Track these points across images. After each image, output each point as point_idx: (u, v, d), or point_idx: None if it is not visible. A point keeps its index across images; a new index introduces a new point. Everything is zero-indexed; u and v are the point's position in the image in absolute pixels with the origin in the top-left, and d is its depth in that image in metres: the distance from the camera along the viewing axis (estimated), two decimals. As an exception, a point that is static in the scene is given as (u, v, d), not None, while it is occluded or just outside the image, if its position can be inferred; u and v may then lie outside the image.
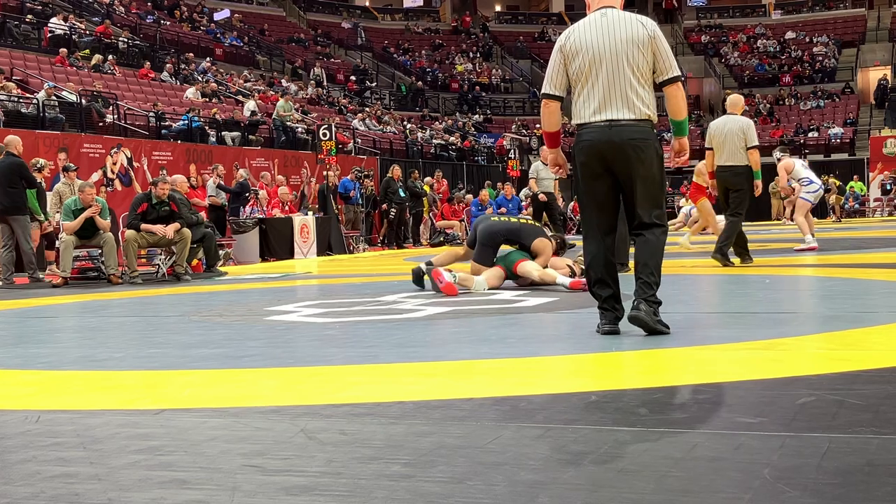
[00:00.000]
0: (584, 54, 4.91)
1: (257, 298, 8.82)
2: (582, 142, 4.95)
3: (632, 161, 4.87)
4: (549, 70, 5.04)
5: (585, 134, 4.94)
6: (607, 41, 4.90)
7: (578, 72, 4.93)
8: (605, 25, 4.94)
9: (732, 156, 9.83)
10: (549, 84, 5.03)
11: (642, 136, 4.90)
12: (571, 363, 4.24)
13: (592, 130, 4.90)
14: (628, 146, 4.86)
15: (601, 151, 4.89)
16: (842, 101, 42.78)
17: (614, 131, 4.86)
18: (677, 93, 5.04)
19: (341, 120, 29.81)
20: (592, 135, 4.90)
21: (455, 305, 6.99)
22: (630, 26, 4.93)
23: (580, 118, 4.96)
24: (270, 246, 17.13)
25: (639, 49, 4.89)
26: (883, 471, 2.28)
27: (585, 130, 4.94)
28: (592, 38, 4.92)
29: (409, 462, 2.52)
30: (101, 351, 5.34)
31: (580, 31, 4.98)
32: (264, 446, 2.77)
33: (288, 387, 3.88)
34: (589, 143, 4.91)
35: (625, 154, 4.86)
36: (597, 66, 4.89)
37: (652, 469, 2.37)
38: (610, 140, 4.86)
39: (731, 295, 7.50)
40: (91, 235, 11.80)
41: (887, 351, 4.16)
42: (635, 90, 4.90)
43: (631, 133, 4.87)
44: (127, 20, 31.91)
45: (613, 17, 4.97)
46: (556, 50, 5.01)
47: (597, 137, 4.88)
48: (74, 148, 16.77)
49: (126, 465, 2.60)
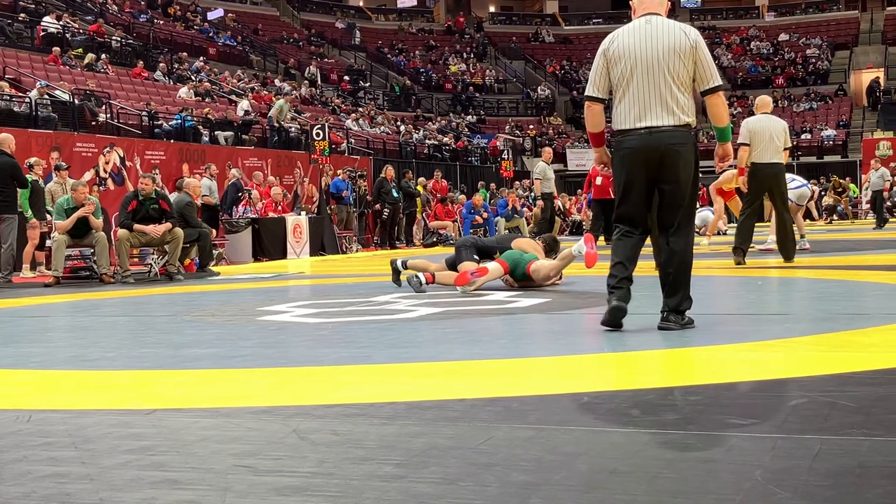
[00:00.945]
0: (627, 60, 5.02)
1: (250, 298, 8.81)
2: (624, 148, 5.08)
3: (672, 166, 5.01)
4: (593, 73, 5.16)
5: (627, 141, 5.07)
6: (650, 48, 5.00)
7: (620, 77, 5.06)
8: (648, 32, 5.04)
9: (775, 154, 9.99)
10: (592, 86, 5.16)
11: (682, 141, 5.03)
12: (564, 364, 4.24)
13: (633, 138, 5.03)
14: (669, 151, 4.99)
15: (642, 158, 5.02)
16: (835, 104, 42.88)
17: (654, 137, 4.99)
18: (718, 101, 5.16)
19: (335, 120, 29.79)
20: (633, 142, 5.04)
21: (448, 306, 6.99)
22: (673, 35, 5.02)
23: (622, 125, 5.10)
24: (263, 246, 17.11)
25: (680, 58, 4.99)
26: (874, 473, 2.28)
27: (627, 138, 5.06)
28: (635, 45, 5.02)
29: (400, 463, 2.52)
30: (93, 350, 5.33)
31: (624, 37, 5.08)
32: (256, 446, 2.76)
33: (280, 387, 3.88)
34: (631, 150, 5.05)
35: (665, 159, 5.00)
36: (638, 72, 5.00)
37: (644, 470, 2.37)
38: (650, 146, 4.99)
39: (723, 297, 7.50)
40: (83, 235, 11.77)
41: (879, 353, 4.17)
42: (675, 97, 5.01)
43: (671, 139, 4.99)
44: (120, 19, 31.84)
45: (657, 25, 5.05)
46: (600, 54, 5.13)
47: (637, 145, 5.02)
48: (67, 147, 16.73)
49: (117, 465, 2.60)
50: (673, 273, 5.07)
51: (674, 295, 5.07)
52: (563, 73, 47.26)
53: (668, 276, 5.07)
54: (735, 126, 8.90)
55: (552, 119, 44.17)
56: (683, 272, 5.10)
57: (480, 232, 21.70)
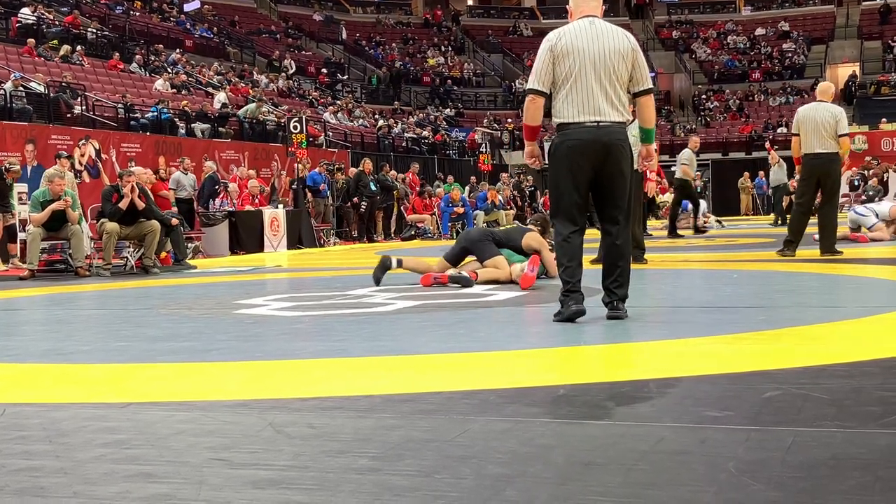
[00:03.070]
0: (575, 57, 5.19)
1: (226, 292, 8.79)
2: (569, 140, 5.22)
3: (617, 160, 5.23)
4: (538, 67, 5.27)
5: (573, 133, 5.21)
6: (596, 47, 5.20)
7: (568, 73, 5.20)
8: (594, 33, 5.24)
9: (823, 143, 9.89)
10: (538, 80, 5.26)
11: (624, 137, 5.31)
12: (540, 357, 4.25)
13: (581, 131, 5.19)
14: (615, 145, 5.21)
15: (589, 150, 5.19)
16: (811, 98, 42.98)
17: (602, 131, 5.18)
18: (650, 103, 5.44)
19: (312, 113, 29.71)
20: (581, 134, 5.18)
21: (424, 299, 6.99)
22: (616, 37, 5.26)
23: (567, 118, 5.22)
24: (240, 239, 17.06)
25: (623, 59, 5.23)
26: (847, 464, 2.30)
27: (573, 130, 5.21)
28: (582, 43, 5.20)
29: (376, 455, 2.52)
30: (68, 344, 5.30)
31: (571, 35, 5.24)
32: (232, 440, 2.76)
33: (256, 380, 3.87)
34: (578, 142, 5.19)
35: (611, 153, 5.20)
36: (586, 69, 5.17)
37: (618, 462, 2.38)
38: (598, 140, 5.18)
39: (699, 289, 7.54)
40: (59, 227, 11.70)
41: (853, 345, 4.21)
42: (618, 95, 5.24)
43: (617, 134, 5.23)
44: (96, 11, 31.62)
45: (601, 26, 5.28)
46: (546, 49, 5.25)
47: (585, 137, 5.18)
48: (42, 139, 16.61)
49: (92, 459, 2.58)
50: (622, 265, 5.29)
51: (624, 286, 5.29)
52: (541, 66, 47.24)
53: (618, 269, 5.28)
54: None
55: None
56: (629, 263, 5.38)
57: (459, 225, 21.72)
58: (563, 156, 5.25)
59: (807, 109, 10.13)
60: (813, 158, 9.94)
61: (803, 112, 10.11)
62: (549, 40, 5.27)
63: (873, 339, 4.45)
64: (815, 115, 9.95)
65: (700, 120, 42.14)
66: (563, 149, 5.24)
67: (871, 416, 2.79)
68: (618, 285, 5.26)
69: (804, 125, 9.98)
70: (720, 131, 40.69)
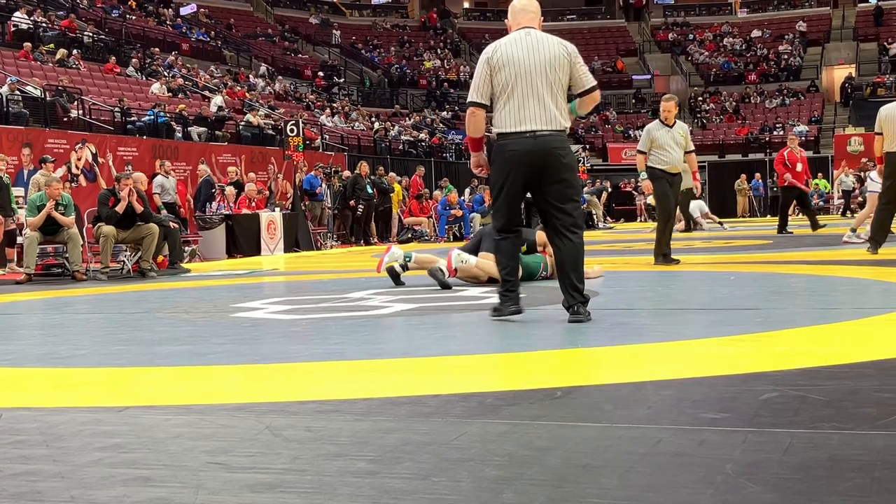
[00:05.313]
0: (511, 68, 5.32)
1: (223, 295, 8.78)
2: (508, 150, 5.36)
3: (557, 167, 5.34)
4: (477, 80, 5.42)
5: (511, 143, 5.35)
6: (531, 58, 5.33)
7: (504, 84, 5.33)
8: (529, 44, 5.38)
9: None
10: (477, 93, 5.41)
11: (562, 145, 5.42)
12: (537, 359, 4.25)
13: (518, 140, 5.32)
14: (552, 154, 5.33)
15: (526, 159, 5.32)
16: (807, 99, 43.14)
17: (539, 141, 5.30)
18: (594, 97, 5.56)
19: (309, 116, 29.71)
20: (519, 144, 5.32)
21: (422, 302, 6.99)
22: (552, 47, 5.39)
23: (505, 128, 5.36)
24: (237, 242, 17.04)
25: (559, 68, 5.36)
26: (844, 465, 2.30)
27: (511, 140, 5.34)
28: (518, 55, 5.34)
29: (374, 459, 2.52)
30: (65, 348, 5.30)
31: (507, 47, 5.38)
32: (229, 443, 2.76)
33: (253, 384, 3.87)
34: (515, 152, 5.33)
35: (549, 162, 5.32)
36: (522, 80, 5.30)
37: (615, 464, 2.39)
38: (535, 149, 5.30)
39: (695, 291, 7.54)
40: (55, 231, 11.69)
41: (849, 347, 4.21)
42: (556, 103, 5.36)
43: (553, 142, 5.34)
44: (92, 14, 31.61)
45: (536, 37, 5.41)
46: (483, 62, 5.41)
47: (522, 146, 5.31)
48: (38, 143, 16.59)
49: (89, 463, 2.58)
50: (579, 269, 5.39)
51: (581, 290, 5.35)
52: (537, 69, 47.27)
53: (575, 273, 5.34)
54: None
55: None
56: (583, 266, 5.46)
57: (456, 228, 21.73)
58: (502, 164, 5.39)
59: (889, 109, 10.08)
60: (894, 157, 9.90)
61: (886, 111, 10.07)
62: (485, 53, 5.42)
63: (870, 340, 4.45)
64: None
65: (696, 122, 42.17)
66: (502, 158, 5.38)
67: (868, 417, 2.79)
68: (577, 288, 5.32)
69: (887, 124, 9.95)
70: (716, 133, 40.74)
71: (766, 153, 37.43)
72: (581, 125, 43.01)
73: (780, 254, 11.39)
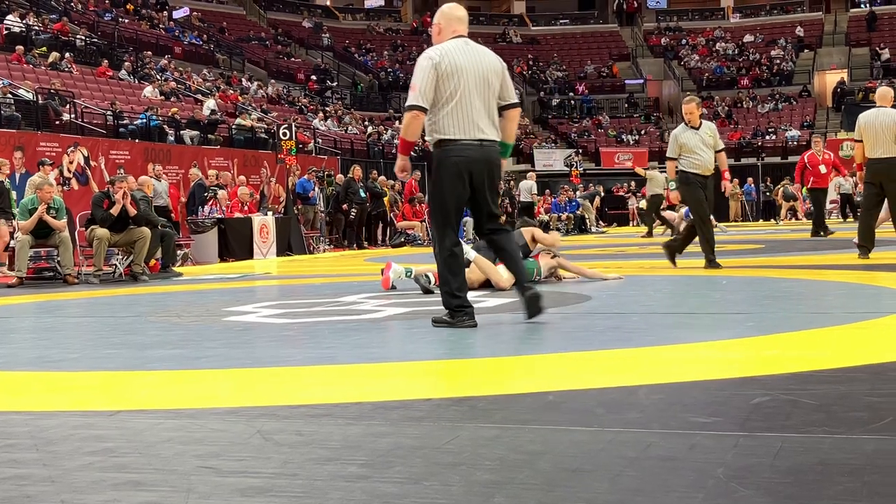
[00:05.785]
0: (459, 76, 5.38)
1: (216, 299, 8.77)
2: (454, 156, 5.42)
3: (494, 176, 5.53)
4: (423, 85, 5.40)
5: (457, 150, 5.41)
6: (475, 68, 5.43)
7: (452, 91, 5.38)
8: (471, 53, 5.48)
9: (886, 147, 9.92)
10: (422, 98, 5.39)
11: (499, 155, 5.57)
12: (529, 363, 4.25)
13: (465, 147, 5.40)
14: (494, 164, 5.50)
15: (473, 166, 5.41)
16: (799, 104, 43.24)
17: (485, 150, 5.44)
18: (517, 116, 5.76)
19: (302, 119, 29.69)
20: (467, 151, 5.40)
21: (415, 306, 6.99)
22: (490, 57, 5.55)
23: (451, 135, 5.42)
24: (229, 246, 17.02)
25: (497, 78, 5.51)
26: (835, 470, 2.30)
27: (457, 146, 5.41)
28: (465, 63, 5.42)
29: (365, 463, 2.52)
30: (57, 351, 5.29)
31: (454, 55, 5.43)
32: (220, 448, 2.75)
33: (245, 388, 3.87)
34: (463, 158, 5.40)
35: (491, 169, 5.48)
36: (469, 88, 5.38)
37: (606, 469, 2.39)
38: (483, 157, 5.43)
39: (687, 295, 7.55)
40: (47, 235, 11.66)
41: (840, 351, 4.22)
42: (494, 114, 5.51)
43: (495, 152, 5.51)
44: (85, 18, 31.58)
45: (475, 47, 5.55)
46: (430, 67, 5.39)
47: (471, 154, 5.40)
48: (30, 146, 16.56)
49: (80, 467, 2.57)
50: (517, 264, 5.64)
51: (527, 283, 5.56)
52: (530, 73, 47.38)
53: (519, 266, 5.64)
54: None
55: (519, 119, 44.24)
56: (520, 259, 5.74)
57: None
58: (449, 170, 5.42)
59: (868, 116, 10.17)
60: (876, 163, 10.00)
61: (865, 118, 10.15)
62: (431, 59, 5.42)
63: (861, 344, 4.46)
64: (877, 121, 10.01)
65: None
66: (450, 163, 5.42)
67: (859, 421, 2.79)
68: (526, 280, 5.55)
69: (867, 131, 10.03)
70: (709, 138, 40.71)
71: (759, 158, 37.52)
72: (574, 129, 43.07)
73: (772, 258, 11.41)
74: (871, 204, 10.27)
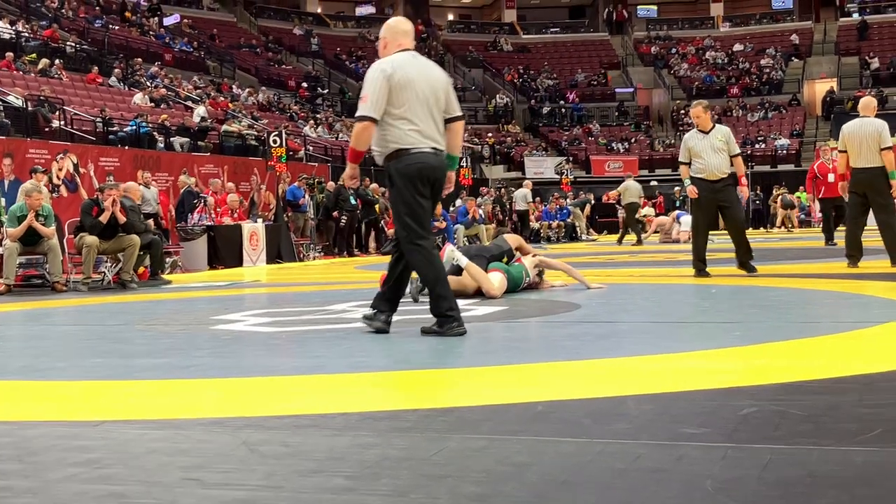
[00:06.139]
0: (412, 87, 5.51)
1: (204, 307, 8.74)
2: (417, 163, 5.52)
3: (443, 183, 5.68)
4: (375, 95, 5.50)
5: (419, 157, 5.52)
6: (427, 80, 5.58)
7: (407, 102, 5.50)
8: (420, 65, 5.64)
9: (870, 157, 9.95)
10: (374, 109, 5.50)
11: (447, 165, 5.72)
12: (518, 373, 4.23)
13: (423, 155, 5.53)
14: (444, 170, 5.68)
15: (432, 174, 5.56)
16: (788, 113, 43.37)
17: (439, 157, 5.61)
18: (462, 129, 5.90)
19: (292, 127, 29.66)
20: (425, 159, 5.53)
21: (404, 314, 6.96)
22: (437, 71, 5.74)
23: (406, 144, 5.52)
24: (219, 253, 16.96)
25: (443, 91, 5.66)
26: (823, 482, 2.30)
27: (415, 154, 5.52)
28: (416, 75, 5.55)
29: (351, 475, 2.50)
30: (43, 360, 5.25)
31: (405, 67, 5.55)
32: (205, 459, 2.73)
33: (231, 398, 3.84)
34: (425, 165, 5.53)
35: (443, 178, 5.66)
36: (421, 99, 5.52)
37: (595, 481, 2.37)
38: (438, 165, 5.60)
39: (676, 304, 7.55)
40: (36, 242, 11.61)
41: (829, 362, 4.21)
42: (441, 124, 5.65)
43: (444, 161, 5.67)
44: (75, 24, 31.51)
45: (423, 61, 5.72)
46: (383, 79, 5.49)
47: (429, 162, 5.54)
48: (20, 153, 16.49)
49: (63, 479, 2.55)
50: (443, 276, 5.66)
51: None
52: (521, 81, 47.45)
53: None
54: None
55: (510, 127, 44.31)
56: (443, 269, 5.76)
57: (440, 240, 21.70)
58: (412, 179, 5.51)
59: (851, 126, 10.21)
60: (859, 173, 10.04)
61: (848, 129, 10.19)
62: (384, 71, 5.50)
63: (850, 355, 4.46)
64: (860, 131, 10.05)
65: (679, 135, 42.30)
66: (413, 171, 5.51)
67: (848, 433, 2.79)
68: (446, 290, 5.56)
69: (850, 141, 10.07)
70: (699, 146, 40.83)
71: (749, 167, 37.55)
72: (564, 137, 43.13)
73: (761, 267, 11.41)
74: (857, 213, 10.32)
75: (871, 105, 10.38)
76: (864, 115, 10.25)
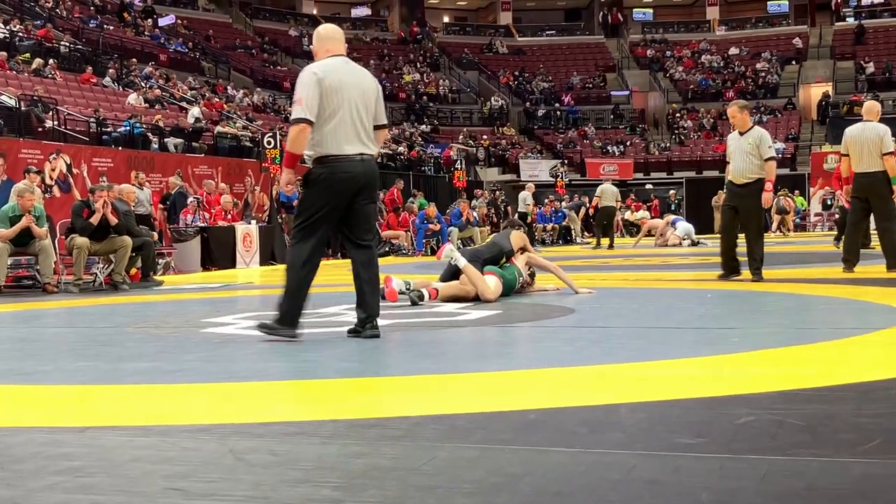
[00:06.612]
0: (341, 93, 5.53)
1: (195, 309, 8.67)
2: (339, 171, 5.54)
3: (372, 189, 5.75)
4: (309, 99, 5.52)
5: (343, 165, 5.54)
6: (356, 85, 5.62)
7: (336, 107, 5.51)
8: (351, 71, 5.68)
9: (872, 162, 9.94)
10: (308, 111, 5.49)
11: (377, 169, 5.81)
12: (511, 379, 4.18)
13: (350, 163, 5.55)
14: (373, 177, 5.71)
15: (354, 182, 5.56)
16: (784, 117, 43.37)
17: (366, 164, 5.62)
18: (384, 137, 6.11)
19: (287, 128, 29.55)
20: (350, 167, 5.55)
21: (397, 318, 6.91)
22: (368, 78, 5.79)
23: (332, 150, 5.53)
24: (212, 255, 16.89)
25: (373, 97, 5.72)
26: (821, 494, 2.25)
27: (342, 163, 5.54)
28: (346, 80, 5.58)
29: (339, 485, 2.44)
30: (29, 363, 5.18)
31: (336, 72, 5.58)
32: (190, 468, 2.67)
33: (219, 404, 3.78)
34: (347, 174, 5.54)
35: (369, 183, 5.67)
36: (349, 105, 5.54)
37: (589, 491, 2.32)
38: (363, 171, 5.59)
39: (671, 310, 7.49)
40: (27, 243, 11.53)
41: (826, 369, 4.16)
42: (371, 130, 5.68)
43: (373, 166, 5.72)
44: (69, 24, 31.42)
45: (354, 67, 5.76)
46: (314, 83, 5.51)
47: (354, 169, 5.55)
48: (12, 153, 16.41)
49: (44, 488, 2.49)
50: (376, 281, 5.74)
51: (378, 303, 5.68)
52: (516, 83, 47.41)
53: (373, 286, 5.70)
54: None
55: (505, 129, 44.28)
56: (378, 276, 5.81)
57: (434, 242, 21.66)
58: (329, 186, 5.52)
59: (854, 130, 10.20)
60: (861, 177, 10.05)
61: (851, 133, 10.19)
62: (315, 73, 5.54)
63: (847, 362, 4.41)
64: (862, 135, 10.05)
65: (674, 138, 42.33)
66: (333, 179, 5.52)
67: (846, 443, 2.74)
68: (376, 301, 5.65)
69: (852, 145, 10.07)
70: (694, 150, 40.89)
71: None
72: (560, 140, 43.10)
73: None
74: (858, 218, 10.30)
75: (874, 109, 10.36)
76: (867, 119, 10.24)
